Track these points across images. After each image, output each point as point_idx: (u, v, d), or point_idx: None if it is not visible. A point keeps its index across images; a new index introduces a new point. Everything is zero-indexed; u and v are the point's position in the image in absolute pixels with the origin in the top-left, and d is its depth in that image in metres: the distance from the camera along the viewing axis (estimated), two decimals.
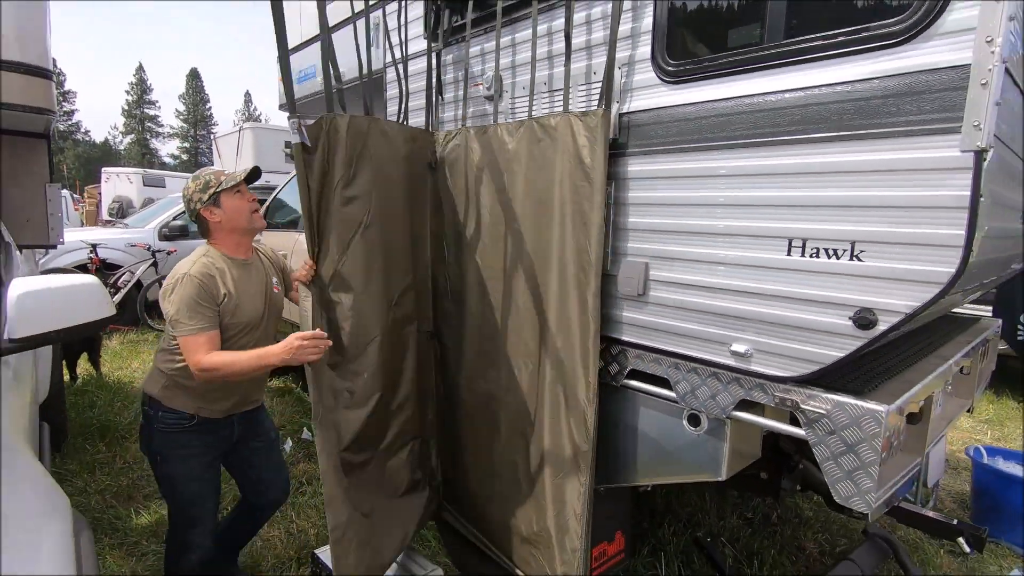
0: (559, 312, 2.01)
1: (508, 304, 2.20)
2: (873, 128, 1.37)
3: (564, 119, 1.93)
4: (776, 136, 1.53)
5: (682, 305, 1.79)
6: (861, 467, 1.47)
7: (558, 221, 1.98)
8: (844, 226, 1.43)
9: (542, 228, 2.05)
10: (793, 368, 1.56)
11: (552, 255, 2.02)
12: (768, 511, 3.42)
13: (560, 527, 2.03)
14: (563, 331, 1.99)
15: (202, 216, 2.03)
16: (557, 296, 2.01)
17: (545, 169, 2.01)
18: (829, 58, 1.43)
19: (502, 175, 2.17)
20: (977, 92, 1.21)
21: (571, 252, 1.94)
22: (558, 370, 2.02)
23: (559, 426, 2.03)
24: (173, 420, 2.00)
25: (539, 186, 2.04)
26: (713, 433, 1.80)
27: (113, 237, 7.59)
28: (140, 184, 16.91)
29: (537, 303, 2.09)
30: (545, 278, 2.06)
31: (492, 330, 2.27)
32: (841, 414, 1.49)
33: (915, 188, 1.32)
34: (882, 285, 1.38)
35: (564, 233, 1.96)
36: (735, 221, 1.63)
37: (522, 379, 2.17)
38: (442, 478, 2.62)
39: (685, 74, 1.73)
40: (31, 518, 1.11)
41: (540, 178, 2.04)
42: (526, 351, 2.15)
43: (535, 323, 2.11)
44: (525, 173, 2.09)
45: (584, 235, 1.89)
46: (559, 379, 2.02)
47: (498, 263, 2.23)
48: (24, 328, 1.59)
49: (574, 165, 1.90)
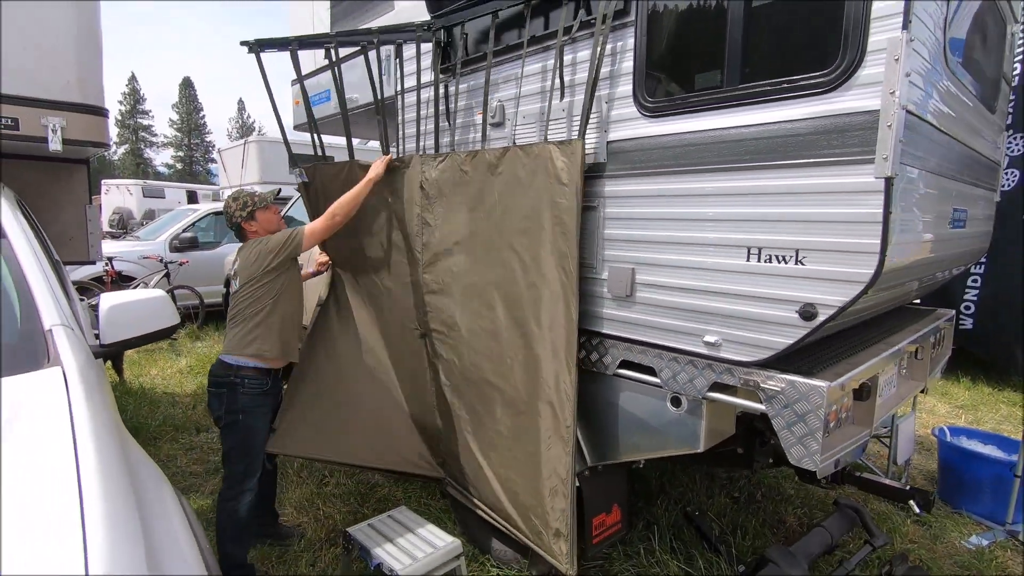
0: (544, 308, 2.37)
1: (497, 303, 2.56)
2: (811, 158, 1.70)
3: (545, 147, 2.28)
4: (736, 163, 1.86)
5: (663, 304, 2.12)
6: (809, 433, 1.79)
7: (541, 231, 2.34)
8: (790, 236, 1.76)
9: (528, 236, 2.41)
10: (754, 354, 1.89)
11: (538, 259, 2.37)
12: (753, 490, 3.75)
13: (552, 490, 2.38)
14: (548, 326, 2.35)
15: (242, 227, 2.71)
16: (542, 295, 2.37)
17: (528, 187, 2.38)
18: (775, 101, 1.76)
19: (489, 193, 2.54)
20: (885, 132, 1.54)
21: (555, 257, 2.30)
22: (544, 360, 2.39)
23: (547, 407, 2.39)
24: (256, 384, 2.57)
25: (523, 201, 2.39)
26: (692, 412, 2.13)
27: (127, 250, 7.88)
28: (140, 195, 17.19)
29: (524, 301, 2.45)
30: (531, 280, 2.41)
31: (484, 327, 2.64)
32: (792, 390, 1.82)
33: (843, 206, 1.65)
34: (820, 284, 1.71)
35: (547, 240, 2.33)
36: (704, 233, 1.96)
37: (514, 369, 2.54)
38: (443, 460, 3.03)
39: (661, 109, 2.06)
40: (155, 488, 1.42)
41: (525, 194, 2.39)
42: (515, 344, 2.51)
43: (524, 319, 2.46)
44: (510, 191, 2.45)
45: (564, 242, 2.25)
46: (545, 367, 2.38)
47: (488, 268, 2.59)
48: (112, 334, 1.91)
49: (555, 183, 2.26)
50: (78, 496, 1.04)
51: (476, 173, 2.55)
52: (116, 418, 1.68)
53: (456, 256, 2.71)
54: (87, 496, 1.05)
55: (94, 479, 1.09)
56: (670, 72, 2.11)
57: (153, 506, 1.28)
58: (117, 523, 1.03)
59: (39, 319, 1.69)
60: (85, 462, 1.13)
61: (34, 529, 0.98)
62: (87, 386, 1.44)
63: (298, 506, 3.44)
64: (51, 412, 1.29)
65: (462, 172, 2.60)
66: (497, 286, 2.54)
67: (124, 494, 1.13)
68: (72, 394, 1.37)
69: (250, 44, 2.91)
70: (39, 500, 1.05)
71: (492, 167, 2.49)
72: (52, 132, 2.49)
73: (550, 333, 2.34)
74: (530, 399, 2.45)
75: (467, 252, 2.66)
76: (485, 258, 2.59)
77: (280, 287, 2.60)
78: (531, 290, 2.40)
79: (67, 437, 1.20)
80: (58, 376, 1.45)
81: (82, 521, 1.00)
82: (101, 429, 1.28)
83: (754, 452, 2.52)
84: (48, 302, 1.73)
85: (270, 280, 2.57)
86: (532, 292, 2.40)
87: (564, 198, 2.23)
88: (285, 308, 2.63)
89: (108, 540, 0.98)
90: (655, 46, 2.09)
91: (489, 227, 2.54)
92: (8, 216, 1.95)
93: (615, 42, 2.19)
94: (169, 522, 1.28)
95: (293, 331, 2.70)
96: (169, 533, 1.23)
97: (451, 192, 2.67)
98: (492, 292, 2.57)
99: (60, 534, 0.97)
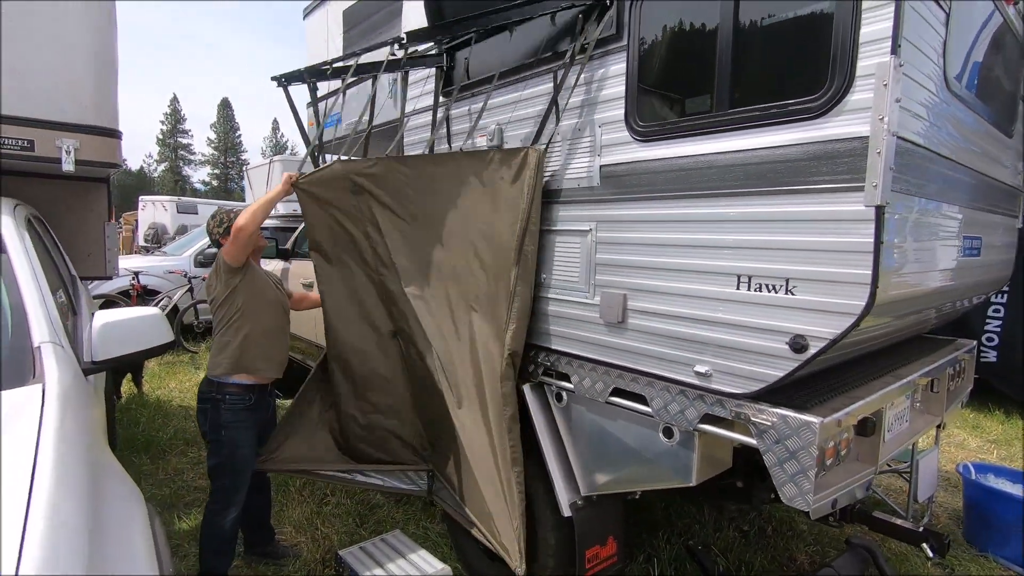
0: (483, 309, 2.52)
1: (447, 304, 2.68)
2: (799, 184, 1.65)
3: (494, 153, 2.46)
4: (726, 189, 1.82)
5: (654, 331, 2.07)
6: (801, 471, 1.71)
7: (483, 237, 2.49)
8: (780, 265, 1.70)
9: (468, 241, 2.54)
10: (744, 386, 1.82)
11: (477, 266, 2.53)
12: (763, 524, 3.60)
13: (510, 503, 2.45)
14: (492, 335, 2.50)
15: (220, 244, 2.73)
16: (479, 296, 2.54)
17: (471, 194, 2.52)
18: (764, 126, 1.72)
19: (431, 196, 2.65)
20: (874, 159, 1.48)
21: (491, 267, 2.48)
22: (488, 376, 2.51)
23: (495, 425, 2.49)
24: (236, 399, 2.58)
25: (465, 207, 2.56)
26: (684, 444, 2.06)
27: (153, 264, 8.13)
28: (174, 211, 17.75)
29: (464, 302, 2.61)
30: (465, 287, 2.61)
31: (439, 327, 2.72)
32: (784, 425, 1.74)
33: (832, 235, 1.59)
34: (811, 315, 1.64)
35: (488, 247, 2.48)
36: (694, 259, 1.91)
37: (465, 380, 2.64)
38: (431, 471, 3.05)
39: (653, 134, 2.04)
40: (121, 503, 1.42)
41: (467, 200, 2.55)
42: (459, 345, 2.63)
43: (465, 318, 2.60)
44: (451, 196, 2.58)
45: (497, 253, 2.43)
46: (484, 386, 2.53)
47: (433, 270, 2.72)
48: (104, 352, 1.95)
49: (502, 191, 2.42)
50: (24, 508, 1.07)
51: (415, 176, 2.64)
52: (96, 435, 1.70)
53: (402, 259, 2.76)
54: (33, 509, 1.07)
55: (45, 494, 1.11)
56: (661, 96, 2.09)
57: (114, 522, 1.28)
58: (60, 533, 1.05)
59: (30, 336, 1.73)
60: (40, 478, 1.15)
61: None
62: (63, 404, 1.46)
63: (297, 525, 3.43)
64: (20, 430, 1.31)
65: (400, 175, 2.66)
66: (443, 289, 2.69)
67: (75, 508, 1.15)
68: (46, 411, 1.40)
69: (278, 79, 3.08)
70: None
71: (431, 171, 2.61)
72: (66, 153, 2.59)
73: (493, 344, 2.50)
74: (486, 416, 2.56)
75: (414, 253, 2.73)
76: (430, 258, 2.68)
77: (241, 304, 2.59)
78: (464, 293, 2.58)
79: (29, 454, 1.21)
80: (37, 394, 1.48)
81: (23, 530, 1.02)
82: (66, 447, 1.29)
83: (754, 486, 2.42)
84: (40, 319, 1.78)
85: (227, 298, 2.58)
86: (466, 293, 2.58)
87: (508, 208, 2.36)
88: (253, 324, 2.61)
89: (46, 547, 1.00)
90: (647, 71, 2.07)
91: (433, 230, 2.67)
92: (11, 233, 2.02)
93: (607, 66, 2.18)
94: (129, 540, 1.28)
95: (270, 346, 2.68)
96: (126, 550, 1.24)
97: (391, 196, 2.69)
98: (440, 292, 2.70)
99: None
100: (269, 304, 2.70)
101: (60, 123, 2.62)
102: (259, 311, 2.64)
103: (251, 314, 2.61)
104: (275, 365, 2.74)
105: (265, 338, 2.66)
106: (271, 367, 2.71)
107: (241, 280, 2.60)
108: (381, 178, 2.66)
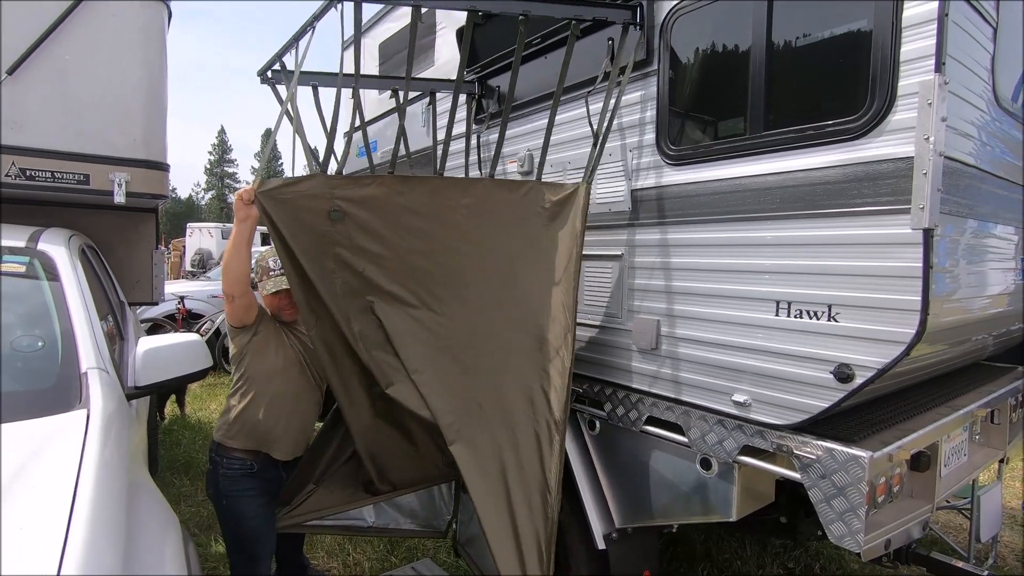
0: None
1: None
2: (840, 207, 1.59)
3: (537, 186, 2.28)
4: (761, 212, 1.77)
5: (689, 358, 2.01)
6: (850, 509, 1.61)
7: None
8: (821, 291, 1.64)
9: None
10: (786, 416, 1.74)
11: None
12: (811, 561, 3.41)
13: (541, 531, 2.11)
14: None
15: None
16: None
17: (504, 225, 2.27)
18: (800, 148, 1.67)
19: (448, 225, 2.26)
20: (920, 180, 1.42)
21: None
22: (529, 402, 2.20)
23: (534, 450, 2.17)
24: (236, 463, 2.27)
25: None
26: (723, 476, 1.97)
27: (197, 289, 8.44)
28: (220, 237, 18.48)
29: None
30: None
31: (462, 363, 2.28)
32: (830, 459, 1.65)
33: (877, 259, 1.52)
34: (856, 343, 1.57)
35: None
36: (730, 284, 1.86)
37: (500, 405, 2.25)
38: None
39: (685, 157, 2.01)
40: (157, 526, 1.45)
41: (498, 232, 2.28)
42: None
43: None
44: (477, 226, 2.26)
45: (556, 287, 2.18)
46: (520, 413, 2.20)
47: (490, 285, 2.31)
48: (146, 377, 2.01)
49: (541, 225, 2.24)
50: (63, 536, 1.11)
51: (423, 202, 2.19)
52: (136, 461, 1.75)
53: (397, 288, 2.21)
54: (71, 536, 1.11)
55: (82, 523, 1.15)
56: (693, 120, 2.06)
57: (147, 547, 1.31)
58: (94, 560, 1.09)
59: (78, 361, 1.80)
60: (79, 507, 1.19)
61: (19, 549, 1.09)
62: (105, 431, 1.51)
63: (329, 551, 3.43)
64: (63, 456, 1.35)
65: (400, 198, 2.15)
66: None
67: (110, 535, 1.18)
68: (88, 438, 1.44)
69: (263, 75, 2.70)
70: (28, 531, 1.14)
71: (452, 198, 2.22)
72: (118, 186, 2.73)
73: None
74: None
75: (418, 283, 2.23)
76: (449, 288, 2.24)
77: (246, 367, 2.28)
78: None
79: (70, 482, 1.25)
80: (81, 420, 1.53)
81: (61, 557, 1.07)
82: (105, 474, 1.33)
83: (799, 522, 2.29)
84: (88, 345, 1.85)
85: (235, 355, 2.31)
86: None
87: (557, 241, 2.19)
88: (258, 392, 2.27)
89: (82, 569, 1.06)
90: (678, 95, 2.05)
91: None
92: (64, 262, 2.13)
93: (638, 91, 2.17)
94: (161, 566, 1.30)
95: (275, 420, 2.29)
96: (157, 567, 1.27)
97: (385, 223, 2.15)
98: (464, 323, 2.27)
99: (42, 552, 1.08)
100: (280, 370, 2.31)
101: (113, 158, 2.77)
102: (267, 378, 2.29)
103: (256, 380, 2.28)
104: (283, 444, 2.33)
105: (271, 410, 2.28)
106: (278, 445, 2.32)
107: (250, 341, 2.29)
108: (375, 200, 2.13)
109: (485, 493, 2.12)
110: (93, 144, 2.73)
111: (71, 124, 2.69)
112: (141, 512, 1.41)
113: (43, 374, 1.79)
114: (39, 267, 2.09)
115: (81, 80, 2.70)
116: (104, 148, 2.75)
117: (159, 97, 2.98)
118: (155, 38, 2.96)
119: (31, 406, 1.62)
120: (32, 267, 2.08)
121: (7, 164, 2.58)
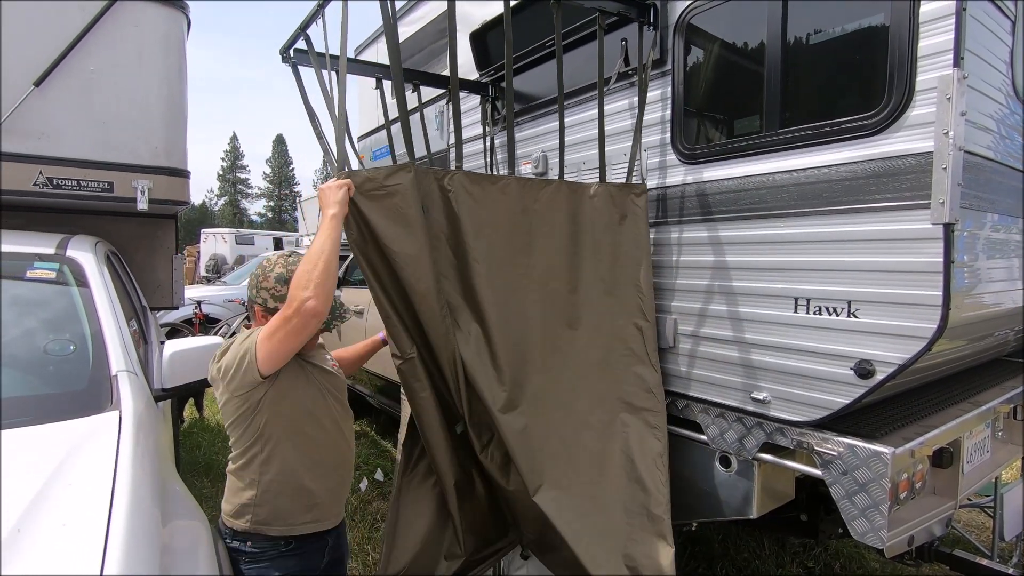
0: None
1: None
2: (859, 203, 1.59)
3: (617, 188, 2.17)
4: (778, 209, 1.77)
5: (707, 356, 2.01)
6: (873, 505, 1.61)
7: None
8: (840, 287, 1.64)
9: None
10: (806, 413, 1.74)
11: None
12: (830, 560, 3.39)
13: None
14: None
15: (261, 314, 1.82)
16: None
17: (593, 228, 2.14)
18: (817, 145, 1.68)
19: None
20: (940, 175, 1.42)
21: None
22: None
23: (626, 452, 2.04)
24: (266, 546, 1.64)
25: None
26: (743, 474, 1.98)
27: (214, 294, 8.55)
28: (233, 243, 18.71)
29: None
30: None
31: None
32: (852, 456, 1.65)
33: (897, 255, 1.52)
34: (876, 339, 1.57)
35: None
36: (748, 282, 1.86)
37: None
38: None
39: (700, 156, 2.02)
40: (188, 525, 1.48)
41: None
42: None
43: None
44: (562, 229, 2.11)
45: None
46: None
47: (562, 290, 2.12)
48: (173, 379, 2.06)
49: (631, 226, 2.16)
50: (104, 534, 1.14)
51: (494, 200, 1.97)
52: (166, 460, 1.79)
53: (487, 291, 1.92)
54: (112, 533, 1.15)
55: (122, 519, 1.19)
56: (708, 118, 2.07)
57: (182, 544, 1.36)
58: (135, 556, 1.13)
59: (108, 364, 1.84)
60: (118, 504, 1.22)
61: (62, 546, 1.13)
62: (137, 431, 1.55)
63: (349, 551, 3.46)
64: (99, 456, 1.39)
65: (470, 196, 1.92)
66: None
67: (148, 533, 1.22)
68: (122, 439, 1.48)
69: (285, 54, 2.39)
70: (70, 527, 1.18)
71: (519, 197, 2.00)
72: (140, 193, 2.79)
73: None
74: None
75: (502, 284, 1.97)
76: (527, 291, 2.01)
77: (268, 427, 1.60)
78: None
79: (107, 481, 1.29)
80: (114, 421, 1.57)
81: (104, 554, 1.10)
82: (140, 473, 1.36)
83: (819, 520, 2.28)
84: (117, 348, 1.89)
85: (243, 413, 1.59)
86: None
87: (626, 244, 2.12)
88: (286, 456, 1.63)
89: (124, 566, 1.10)
90: (692, 93, 2.06)
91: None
92: (92, 268, 2.18)
93: (653, 90, 2.18)
94: (194, 562, 1.34)
95: (317, 484, 1.68)
96: (192, 570, 1.30)
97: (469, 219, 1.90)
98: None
99: (85, 551, 1.11)
100: (309, 410, 1.68)
101: (136, 166, 2.83)
102: (294, 428, 1.64)
103: (278, 439, 1.62)
104: (327, 509, 1.73)
105: (310, 474, 1.67)
106: (320, 513, 1.71)
107: (266, 393, 1.59)
108: (466, 195, 1.90)
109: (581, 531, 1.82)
110: (117, 153, 2.79)
111: (96, 133, 2.76)
112: (173, 511, 1.44)
113: (75, 377, 1.84)
114: (68, 273, 2.15)
115: (105, 90, 2.77)
116: (127, 156, 2.82)
117: (179, 105, 3.03)
118: (175, 48, 3.02)
119: (65, 408, 1.66)
120: (62, 273, 2.14)
121: (35, 173, 2.65)
